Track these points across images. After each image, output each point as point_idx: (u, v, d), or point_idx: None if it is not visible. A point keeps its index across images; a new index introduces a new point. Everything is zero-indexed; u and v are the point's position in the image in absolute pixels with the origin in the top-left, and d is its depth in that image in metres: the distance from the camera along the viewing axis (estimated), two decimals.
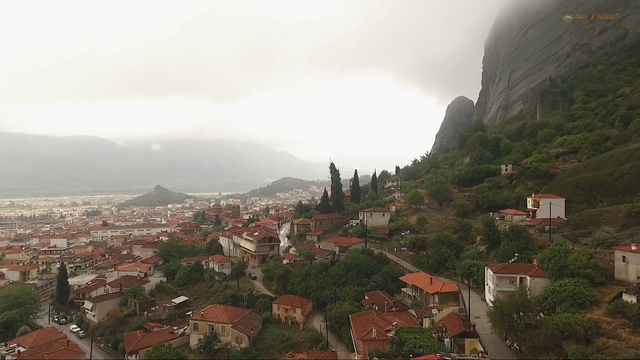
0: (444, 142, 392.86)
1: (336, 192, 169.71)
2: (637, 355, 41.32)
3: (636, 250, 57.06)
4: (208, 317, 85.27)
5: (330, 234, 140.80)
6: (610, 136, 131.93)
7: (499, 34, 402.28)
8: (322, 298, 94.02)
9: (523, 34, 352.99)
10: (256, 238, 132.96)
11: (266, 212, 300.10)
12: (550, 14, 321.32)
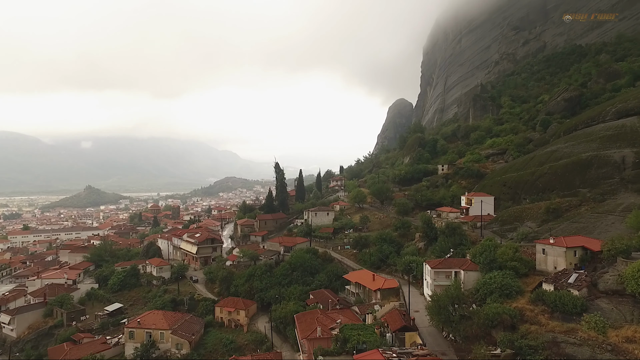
0: (386, 143, 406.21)
1: (281, 191, 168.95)
2: (554, 338, 45.48)
3: (554, 243, 62.85)
4: (145, 324, 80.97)
5: (275, 234, 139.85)
6: (532, 139, 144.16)
7: (436, 40, 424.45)
8: (266, 299, 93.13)
9: (458, 41, 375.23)
10: (197, 239, 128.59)
11: (208, 212, 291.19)
12: (481, 24, 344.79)
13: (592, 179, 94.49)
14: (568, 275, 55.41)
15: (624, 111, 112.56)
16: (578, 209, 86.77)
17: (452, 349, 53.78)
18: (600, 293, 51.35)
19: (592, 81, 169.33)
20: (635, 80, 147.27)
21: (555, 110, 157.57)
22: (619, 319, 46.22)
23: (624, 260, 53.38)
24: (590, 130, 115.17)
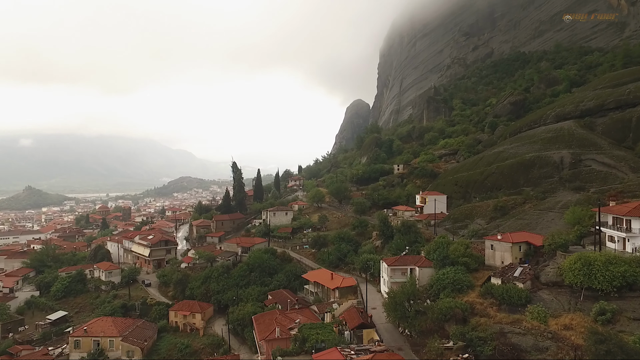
0: (344, 143, 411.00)
1: (238, 191, 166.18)
2: (501, 329, 48.07)
3: (501, 239, 66.45)
4: (93, 332, 76.66)
5: (232, 235, 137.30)
6: (481, 140, 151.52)
7: (393, 43, 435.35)
8: (224, 301, 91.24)
9: (412, 45, 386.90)
10: (150, 242, 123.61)
11: (162, 213, 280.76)
12: (435, 28, 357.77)
13: (535, 178, 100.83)
14: (514, 269, 58.75)
15: (562, 115, 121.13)
16: (522, 206, 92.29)
17: (408, 344, 55.35)
18: (542, 285, 54.91)
19: (534, 86, 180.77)
20: (571, 87, 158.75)
21: (502, 113, 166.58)
22: (558, 308, 49.64)
23: (563, 253, 57.40)
24: (533, 132, 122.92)
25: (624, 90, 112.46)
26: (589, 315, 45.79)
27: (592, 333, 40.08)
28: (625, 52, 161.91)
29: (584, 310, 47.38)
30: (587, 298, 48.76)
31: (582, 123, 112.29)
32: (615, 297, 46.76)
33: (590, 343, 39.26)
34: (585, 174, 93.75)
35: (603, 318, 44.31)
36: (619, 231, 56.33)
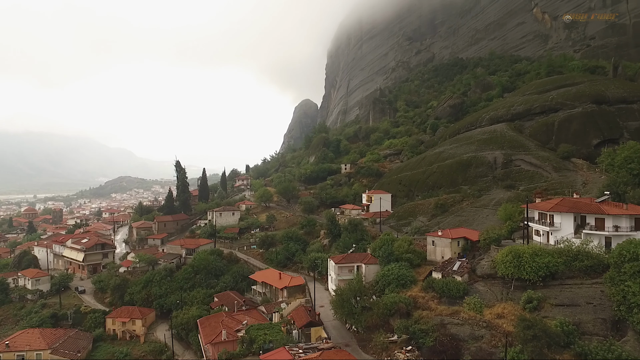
0: (292, 142, 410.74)
1: (182, 191, 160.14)
2: (441, 321, 50.56)
3: (441, 235, 69.84)
4: (17, 346, 70.15)
5: (176, 236, 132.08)
6: (423, 141, 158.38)
7: (340, 44, 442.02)
8: (166, 305, 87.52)
9: (359, 47, 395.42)
10: (85, 245, 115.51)
11: (98, 215, 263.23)
12: (380, 32, 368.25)
13: (472, 177, 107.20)
14: (453, 263, 62.00)
15: (495, 118, 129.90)
16: (461, 203, 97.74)
17: (355, 340, 56.48)
18: (478, 277, 58.48)
19: (471, 91, 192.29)
20: (503, 92, 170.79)
21: (442, 115, 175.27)
22: (492, 299, 53.14)
23: (496, 247, 61.55)
24: (470, 134, 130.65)
25: (548, 97, 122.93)
26: (518, 304, 49.44)
27: (521, 320, 43.36)
28: (548, 62, 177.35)
29: (514, 299, 51.08)
30: (517, 288, 52.62)
31: (513, 126, 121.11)
32: (541, 286, 50.92)
33: (519, 329, 42.46)
34: (515, 173, 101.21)
35: (530, 306, 48.06)
36: (543, 225, 61.40)
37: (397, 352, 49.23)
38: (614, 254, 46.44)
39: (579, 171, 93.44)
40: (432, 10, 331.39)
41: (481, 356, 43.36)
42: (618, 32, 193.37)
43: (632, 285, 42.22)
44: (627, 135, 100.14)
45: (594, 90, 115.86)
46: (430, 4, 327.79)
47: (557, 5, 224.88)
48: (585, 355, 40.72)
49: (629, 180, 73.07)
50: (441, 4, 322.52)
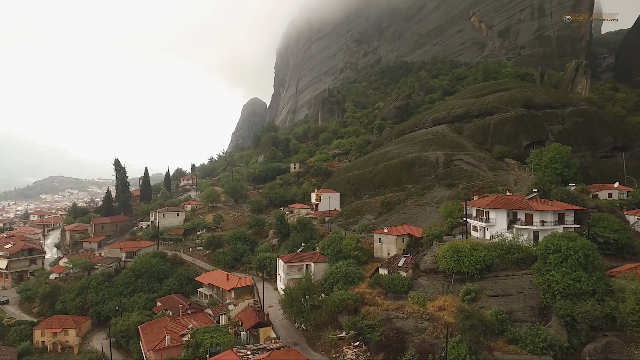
0: (240, 141, 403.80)
1: (122, 191, 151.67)
2: (387, 315, 52.14)
3: (387, 232, 72.00)
4: None
5: (115, 239, 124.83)
6: (370, 141, 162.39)
7: (289, 43, 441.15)
8: (104, 312, 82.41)
9: (308, 47, 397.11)
10: (8, 251, 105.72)
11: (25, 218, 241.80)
12: (329, 33, 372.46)
13: (416, 176, 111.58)
14: (398, 259, 64.14)
15: (437, 120, 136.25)
16: (405, 202, 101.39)
17: (304, 338, 56.66)
18: (422, 272, 61.00)
19: (415, 93, 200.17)
20: (445, 95, 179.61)
21: (388, 116, 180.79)
22: (435, 292, 55.67)
23: (438, 243, 64.54)
24: (414, 134, 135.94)
25: (485, 101, 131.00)
26: (458, 296, 52.25)
27: (460, 311, 45.86)
28: (485, 68, 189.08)
29: (454, 292, 53.91)
30: (457, 281, 55.59)
31: (453, 127, 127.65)
32: (478, 279, 54.18)
33: (459, 320, 44.88)
34: (455, 172, 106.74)
35: (469, 297, 50.98)
36: (480, 221, 65.37)
37: (345, 348, 50.07)
38: (541, 247, 50.47)
39: (511, 170, 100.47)
40: (379, 14, 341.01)
41: (424, 348, 45.26)
42: (544, 43, 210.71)
43: (556, 275, 46.17)
44: (551, 137, 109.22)
45: (524, 96, 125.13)
46: (377, 8, 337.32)
47: (492, 16, 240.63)
48: (516, 340, 43.96)
49: (554, 179, 79.74)
50: (387, 9, 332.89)
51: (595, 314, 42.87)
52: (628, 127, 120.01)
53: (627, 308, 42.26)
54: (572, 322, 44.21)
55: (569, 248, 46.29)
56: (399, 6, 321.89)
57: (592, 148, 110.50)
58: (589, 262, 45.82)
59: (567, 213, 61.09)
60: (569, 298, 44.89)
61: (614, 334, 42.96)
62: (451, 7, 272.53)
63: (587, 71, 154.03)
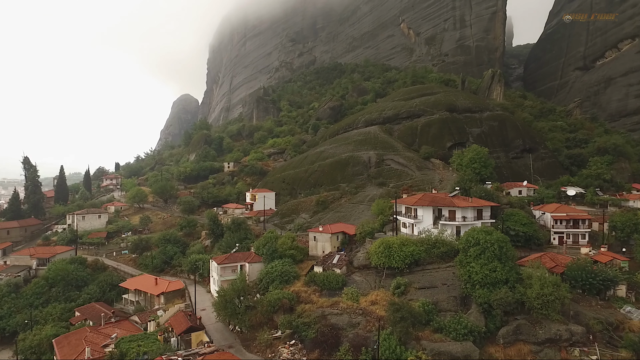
0: (170, 139, 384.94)
1: (33, 192, 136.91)
2: (322, 312, 52.95)
3: (322, 230, 73.07)
4: None
5: (24, 245, 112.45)
6: (305, 140, 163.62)
7: (223, 39, 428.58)
8: (10, 327, 74.04)
9: (243, 44, 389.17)
10: None
11: None
12: (264, 31, 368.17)
13: (349, 175, 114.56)
14: (332, 257, 65.42)
15: (369, 121, 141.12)
16: (339, 200, 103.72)
17: (239, 340, 55.56)
18: (355, 269, 62.80)
19: (349, 94, 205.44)
20: (377, 97, 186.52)
21: (323, 116, 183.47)
22: (367, 288, 57.63)
23: (370, 240, 66.90)
24: (348, 135, 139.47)
25: (413, 104, 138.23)
26: (389, 290, 54.59)
27: (391, 304, 47.97)
28: (413, 73, 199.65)
29: (385, 286, 56.24)
30: (388, 276, 58.04)
31: (384, 128, 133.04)
32: (407, 273, 57.07)
33: (390, 313, 46.94)
34: (386, 171, 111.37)
35: (399, 291, 53.49)
36: (409, 218, 68.90)
37: (281, 348, 49.98)
38: (462, 240, 54.50)
39: (437, 170, 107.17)
40: (315, 14, 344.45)
41: (358, 342, 46.67)
42: (465, 52, 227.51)
43: (475, 266, 50.14)
44: (471, 139, 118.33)
45: (447, 100, 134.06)
46: (313, 8, 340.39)
47: (419, 23, 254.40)
48: (441, 329, 47.04)
49: (473, 177, 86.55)
50: (322, 10, 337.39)
51: (508, 300, 47.23)
52: (534, 132, 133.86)
53: (533, 293, 47.11)
54: (488, 309, 48.28)
55: (486, 241, 50.47)
56: (334, 8, 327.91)
57: (505, 149, 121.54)
58: (503, 254, 50.33)
59: (485, 209, 66.62)
60: (486, 287, 48.94)
61: (523, 317, 47.70)
62: (382, 12, 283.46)
63: (501, 79, 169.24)
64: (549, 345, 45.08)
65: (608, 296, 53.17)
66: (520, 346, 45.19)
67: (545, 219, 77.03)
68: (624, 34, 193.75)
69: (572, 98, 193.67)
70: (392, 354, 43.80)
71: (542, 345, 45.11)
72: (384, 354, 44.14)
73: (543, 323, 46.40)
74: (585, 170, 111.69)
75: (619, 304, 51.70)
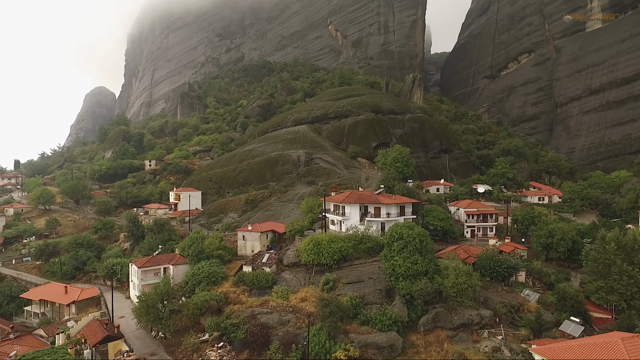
0: (82, 135, 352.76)
1: None
2: (252, 312, 52.26)
3: (251, 229, 72.05)
4: None
5: None
6: (234, 138, 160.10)
7: (143, 30, 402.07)
8: None
9: (165, 36, 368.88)
10: None
11: None
12: (189, 24, 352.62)
13: (279, 174, 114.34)
14: (262, 256, 64.80)
15: (299, 120, 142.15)
16: (269, 199, 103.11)
17: (163, 347, 52.69)
18: (285, 267, 62.84)
19: (278, 93, 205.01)
20: (306, 97, 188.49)
21: (251, 114, 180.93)
22: (297, 285, 58.02)
23: (300, 237, 67.36)
24: (277, 133, 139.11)
25: (340, 104, 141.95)
26: (318, 287, 55.51)
27: (320, 300, 48.87)
28: (340, 74, 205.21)
29: (315, 283, 57.08)
30: (317, 272, 58.96)
31: (313, 128, 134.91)
32: (336, 268, 58.47)
33: (319, 309, 47.78)
34: (315, 170, 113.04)
35: (328, 287, 54.63)
36: (337, 215, 70.66)
37: (208, 351, 48.43)
38: (387, 236, 57.19)
39: (363, 169, 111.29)
40: (242, 10, 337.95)
41: (288, 339, 46.82)
42: (388, 56, 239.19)
43: (399, 259, 52.93)
44: (394, 140, 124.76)
45: (373, 102, 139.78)
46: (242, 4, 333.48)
47: (346, 26, 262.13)
48: (368, 321, 48.99)
49: (396, 176, 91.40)
50: (251, 7, 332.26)
51: (428, 290, 50.59)
52: (450, 134, 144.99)
53: (449, 283, 50.99)
54: (410, 300, 51.31)
55: (409, 235, 53.52)
56: (263, 5, 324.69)
57: (425, 150, 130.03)
58: (423, 247, 53.77)
59: (407, 205, 70.60)
60: (408, 279, 51.93)
61: (441, 305, 51.47)
62: (311, 13, 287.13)
63: (421, 84, 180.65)
64: (462, 329, 49.15)
65: (511, 282, 59.37)
66: (438, 332, 48.69)
67: (459, 214, 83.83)
68: (523, 48, 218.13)
69: (481, 103, 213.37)
70: (321, 349, 44.63)
71: (457, 330, 49.03)
72: (313, 349, 44.82)
73: (458, 310, 50.43)
74: (493, 169, 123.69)
75: (520, 288, 58.00)
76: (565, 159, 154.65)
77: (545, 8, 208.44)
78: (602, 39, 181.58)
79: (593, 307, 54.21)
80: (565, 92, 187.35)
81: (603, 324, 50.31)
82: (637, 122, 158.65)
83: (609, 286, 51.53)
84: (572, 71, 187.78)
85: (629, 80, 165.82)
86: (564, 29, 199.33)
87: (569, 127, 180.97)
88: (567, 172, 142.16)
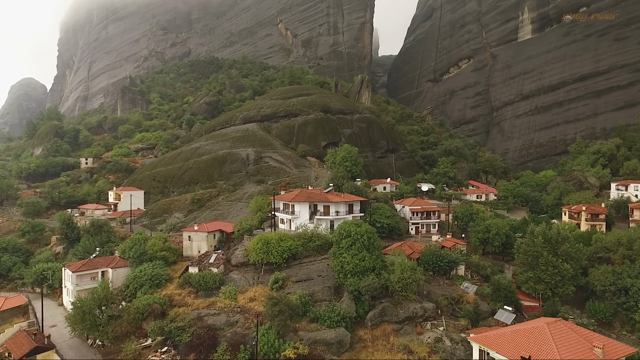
0: (7, 130, 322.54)
1: None
2: (198, 314, 50.69)
3: (197, 229, 69.89)
4: None
5: None
6: (179, 136, 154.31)
7: (79, 19, 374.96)
8: None
9: (104, 27, 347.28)
10: None
11: None
12: (130, 15, 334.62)
13: (227, 173, 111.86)
14: (209, 256, 63.06)
15: (248, 118, 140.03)
16: (217, 198, 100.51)
17: (100, 355, 49.69)
18: (233, 267, 61.61)
19: (226, 90, 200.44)
20: (255, 95, 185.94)
21: (198, 111, 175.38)
22: (246, 285, 57.09)
23: (248, 237, 66.34)
24: (225, 131, 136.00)
25: (290, 103, 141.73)
26: (267, 286, 55.00)
27: (269, 299, 48.42)
28: (290, 73, 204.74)
29: (264, 282, 56.50)
30: (266, 271, 58.39)
31: (263, 126, 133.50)
32: (285, 267, 58.26)
33: (268, 308, 47.33)
34: (265, 169, 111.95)
35: (277, 285, 54.31)
36: (287, 214, 70.47)
37: (151, 357, 46.36)
38: (335, 233, 57.92)
39: (313, 167, 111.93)
40: (189, 3, 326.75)
41: (236, 340, 45.96)
42: (338, 57, 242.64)
43: (347, 256, 53.80)
44: (343, 139, 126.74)
45: (322, 102, 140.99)
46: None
47: (296, 26, 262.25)
48: (317, 318, 49.35)
49: (345, 175, 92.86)
50: (198, 1, 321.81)
51: (375, 286, 51.92)
52: (396, 134, 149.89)
53: (395, 278, 52.66)
54: (358, 296, 52.36)
55: (357, 233, 54.57)
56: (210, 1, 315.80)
57: (372, 149, 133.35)
58: (371, 244, 55.08)
59: (355, 204, 72.00)
60: (356, 275, 52.96)
61: (387, 300, 53.04)
62: (261, 10, 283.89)
63: (369, 85, 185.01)
64: (407, 322, 50.99)
65: (452, 275, 62.54)
66: (385, 326, 50.15)
67: (404, 211, 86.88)
68: (463, 54, 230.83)
69: (425, 106, 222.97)
70: (270, 348, 44.29)
71: (402, 324, 50.79)
72: (262, 349, 44.37)
73: (403, 304, 52.25)
74: (435, 168, 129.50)
75: (460, 281, 61.28)
76: (500, 159, 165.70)
77: (483, 17, 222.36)
78: (532, 48, 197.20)
79: (523, 296, 58.49)
80: (500, 97, 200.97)
81: (532, 312, 54.44)
82: (560, 126, 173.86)
83: (537, 276, 55.82)
84: (506, 77, 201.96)
85: (554, 88, 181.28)
86: (499, 38, 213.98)
87: (503, 129, 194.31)
88: (502, 172, 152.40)
